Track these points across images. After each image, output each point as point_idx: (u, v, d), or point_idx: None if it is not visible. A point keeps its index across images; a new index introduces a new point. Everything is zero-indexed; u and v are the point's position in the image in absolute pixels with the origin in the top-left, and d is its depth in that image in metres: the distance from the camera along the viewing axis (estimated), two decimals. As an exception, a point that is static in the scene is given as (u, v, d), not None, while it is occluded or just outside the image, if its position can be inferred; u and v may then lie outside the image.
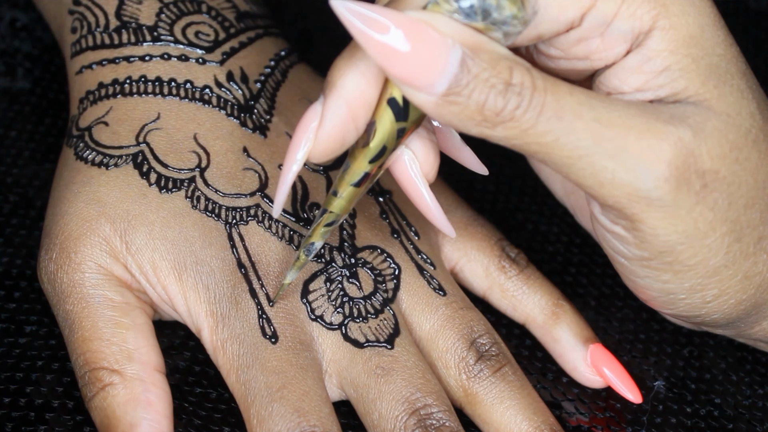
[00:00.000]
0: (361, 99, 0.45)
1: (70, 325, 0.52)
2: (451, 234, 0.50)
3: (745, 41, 0.70)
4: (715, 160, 0.45)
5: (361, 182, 0.48)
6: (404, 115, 0.46)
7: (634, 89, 0.46)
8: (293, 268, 0.51)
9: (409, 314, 0.53)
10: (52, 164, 0.61)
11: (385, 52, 0.43)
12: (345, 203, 0.49)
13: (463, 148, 0.50)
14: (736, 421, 0.54)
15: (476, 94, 0.43)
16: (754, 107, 0.47)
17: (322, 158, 0.46)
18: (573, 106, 0.44)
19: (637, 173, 0.44)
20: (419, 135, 0.48)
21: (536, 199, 0.63)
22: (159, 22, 0.57)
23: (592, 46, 0.47)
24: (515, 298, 0.56)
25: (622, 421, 0.54)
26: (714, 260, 0.47)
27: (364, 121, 0.46)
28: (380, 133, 0.46)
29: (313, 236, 0.50)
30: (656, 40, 0.46)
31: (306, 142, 0.46)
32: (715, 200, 0.46)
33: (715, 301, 0.48)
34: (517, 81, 0.43)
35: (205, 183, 0.54)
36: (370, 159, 0.47)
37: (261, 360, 0.51)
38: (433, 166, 0.48)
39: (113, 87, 0.56)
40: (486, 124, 0.44)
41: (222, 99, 0.56)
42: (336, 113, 0.45)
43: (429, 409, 0.50)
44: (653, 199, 0.45)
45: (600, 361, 0.54)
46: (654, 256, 0.47)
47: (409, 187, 0.48)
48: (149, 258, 0.52)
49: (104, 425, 0.50)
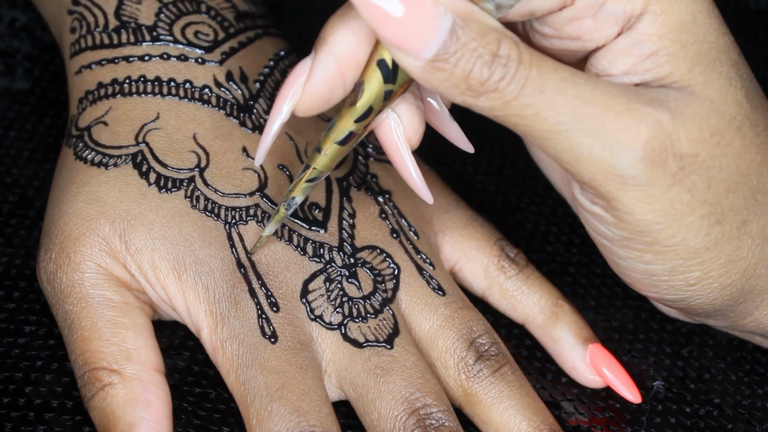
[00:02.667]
0: (350, 57, 0.46)
1: (69, 325, 0.52)
2: (429, 200, 0.51)
3: (745, 40, 0.70)
4: (693, 144, 0.46)
5: (346, 141, 0.49)
6: (393, 77, 0.47)
7: (622, 72, 0.47)
8: (272, 221, 0.51)
9: (409, 314, 0.53)
10: (51, 164, 0.61)
11: (377, 14, 0.44)
12: (328, 160, 0.49)
13: (450, 123, 0.51)
14: (735, 421, 0.54)
15: (463, 62, 0.44)
16: (742, 95, 0.48)
17: (307, 111, 0.47)
18: (556, 82, 0.45)
19: (614, 151, 0.45)
20: (406, 100, 0.49)
21: (536, 199, 0.63)
22: (158, 21, 0.57)
23: (584, 26, 0.47)
24: (514, 298, 0.56)
25: (621, 421, 0.54)
26: (694, 241, 0.47)
27: (352, 79, 0.47)
28: (368, 94, 0.47)
29: (294, 191, 0.51)
30: (646, 24, 0.47)
31: (293, 94, 0.47)
32: (693, 182, 0.47)
33: (698, 284, 0.49)
34: (504, 53, 0.44)
35: (205, 183, 0.54)
36: (356, 118, 0.48)
37: (260, 360, 0.51)
38: (418, 132, 0.49)
39: (112, 87, 0.56)
40: (470, 93, 0.45)
41: (221, 99, 0.56)
42: (325, 69, 0.46)
43: (428, 409, 0.50)
44: (627, 178, 0.46)
45: (599, 361, 0.54)
46: (633, 235, 0.47)
47: (392, 151, 0.49)
48: (149, 258, 0.52)
49: (103, 425, 0.50)
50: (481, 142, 0.64)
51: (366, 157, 0.57)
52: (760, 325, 0.52)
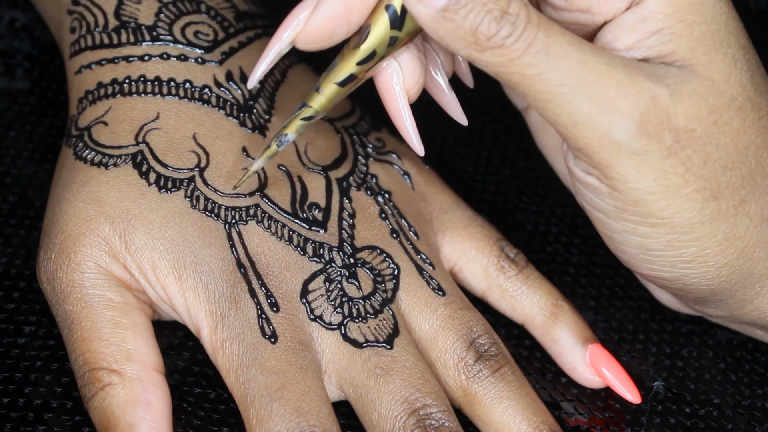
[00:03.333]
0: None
1: (69, 326, 0.52)
2: (420, 152, 0.51)
3: (745, 41, 0.70)
4: (690, 120, 0.47)
5: (345, 83, 0.49)
6: (399, 24, 0.47)
7: (626, 47, 0.48)
8: (263, 155, 0.51)
9: (409, 314, 0.53)
10: (51, 164, 0.61)
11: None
12: (325, 100, 0.50)
13: (448, 91, 0.51)
14: (735, 421, 0.54)
15: (472, 15, 0.45)
16: (747, 78, 0.48)
17: (307, 44, 0.47)
18: (562, 45, 0.45)
19: (611, 118, 0.46)
20: (408, 50, 0.49)
21: (536, 199, 0.63)
22: (158, 21, 0.57)
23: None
24: (514, 298, 0.56)
25: (621, 422, 0.54)
26: (689, 215, 0.48)
27: (358, 20, 0.47)
28: (373, 37, 0.47)
29: (288, 128, 0.51)
30: (654, 1, 0.47)
31: (296, 25, 0.48)
32: (689, 156, 0.47)
33: (694, 261, 0.49)
34: (514, 11, 0.45)
35: (205, 183, 0.54)
36: (358, 60, 0.48)
37: (260, 360, 0.51)
38: (417, 83, 0.49)
39: (112, 87, 0.56)
40: (476, 47, 0.45)
41: (221, 99, 0.56)
42: (332, 4, 0.47)
43: (428, 409, 0.50)
44: (622, 145, 0.46)
45: (599, 361, 0.54)
46: (627, 206, 0.48)
47: (389, 99, 0.50)
48: (148, 258, 0.52)
49: (103, 425, 0.50)
50: (481, 142, 0.64)
51: (366, 157, 0.57)
52: (760, 314, 0.52)
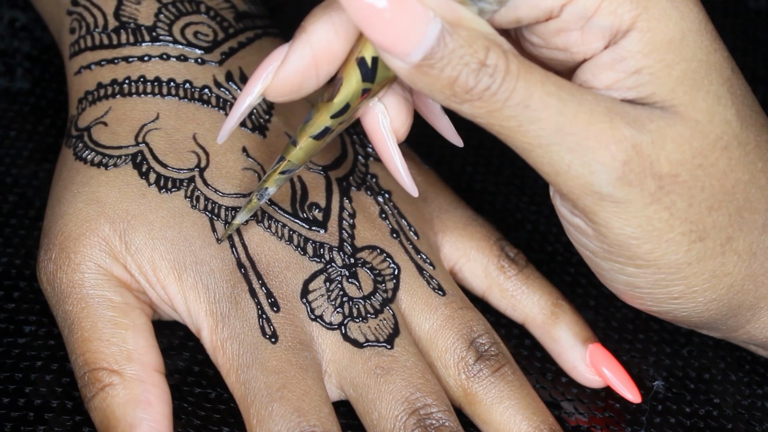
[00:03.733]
0: (327, 49, 0.46)
1: (69, 326, 0.52)
2: (414, 193, 0.51)
3: (744, 41, 0.70)
4: (674, 165, 0.46)
5: (321, 136, 0.49)
6: (371, 76, 0.46)
7: (605, 86, 0.47)
8: (244, 210, 0.51)
9: (409, 314, 0.53)
10: (51, 164, 0.61)
11: (365, 14, 0.43)
12: (303, 154, 0.49)
13: (441, 115, 0.51)
14: (735, 421, 0.54)
15: (449, 69, 0.44)
16: (732, 114, 0.47)
17: (277, 97, 0.47)
18: (542, 96, 0.44)
19: (592, 168, 0.45)
20: (394, 91, 0.48)
21: (535, 199, 0.63)
22: (157, 22, 0.57)
23: (571, 38, 0.47)
24: (514, 298, 0.56)
25: (621, 421, 0.54)
26: (675, 257, 0.47)
27: (326, 72, 0.47)
28: (345, 91, 0.47)
29: (268, 182, 0.51)
30: (632, 40, 0.46)
31: (265, 77, 0.47)
32: (673, 201, 0.46)
33: (682, 297, 0.49)
34: (492, 62, 0.44)
35: (205, 183, 0.54)
36: (332, 114, 0.48)
37: (261, 360, 0.51)
38: (405, 123, 0.49)
39: (112, 87, 0.56)
40: (455, 98, 0.45)
41: (221, 99, 0.56)
42: (300, 57, 0.46)
43: (428, 408, 0.50)
44: (604, 194, 0.46)
45: (599, 360, 0.54)
46: (613, 248, 0.47)
47: (378, 141, 0.49)
48: (149, 258, 0.52)
49: (104, 426, 0.50)
50: (481, 142, 0.64)
51: (366, 157, 0.57)
52: (752, 337, 0.52)
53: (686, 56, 0.46)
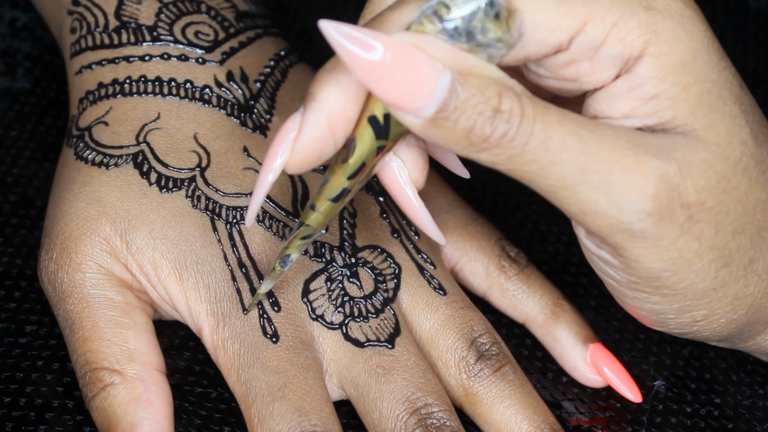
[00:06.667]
0: (340, 114, 0.45)
1: (70, 325, 0.52)
2: (441, 241, 0.50)
3: (745, 41, 0.70)
4: (701, 193, 0.45)
5: (339, 197, 0.47)
6: (385, 133, 0.45)
7: (622, 115, 0.46)
8: (269, 278, 0.50)
9: (410, 314, 0.53)
10: (52, 164, 0.61)
11: (372, 74, 0.42)
12: (322, 218, 0.48)
13: (447, 152, 0.50)
14: (736, 421, 0.54)
15: (464, 119, 0.43)
16: (747, 133, 0.47)
17: (298, 169, 0.46)
18: (561, 137, 0.43)
19: (621, 206, 0.44)
20: (408, 142, 0.47)
21: (536, 198, 0.62)
22: (158, 22, 0.57)
23: (581, 69, 0.46)
24: (515, 298, 0.56)
25: (621, 421, 0.54)
26: (702, 284, 0.47)
27: (343, 135, 0.45)
28: (359, 150, 0.46)
29: (290, 248, 0.50)
30: (645, 66, 0.45)
31: (283, 152, 0.46)
32: (701, 230, 0.46)
33: (704, 320, 0.48)
34: (506, 108, 0.43)
35: (206, 182, 0.54)
36: (348, 175, 0.46)
37: (262, 359, 0.51)
38: (422, 173, 0.48)
39: (113, 87, 0.56)
40: (472, 148, 0.44)
41: (222, 99, 0.56)
42: (315, 126, 0.45)
43: (429, 408, 0.50)
44: (635, 231, 0.45)
45: (600, 360, 0.54)
46: (641, 280, 0.47)
47: (398, 195, 0.48)
48: (150, 257, 0.52)
49: (105, 425, 0.50)
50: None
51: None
52: (760, 347, 0.52)
53: (700, 77, 0.46)
